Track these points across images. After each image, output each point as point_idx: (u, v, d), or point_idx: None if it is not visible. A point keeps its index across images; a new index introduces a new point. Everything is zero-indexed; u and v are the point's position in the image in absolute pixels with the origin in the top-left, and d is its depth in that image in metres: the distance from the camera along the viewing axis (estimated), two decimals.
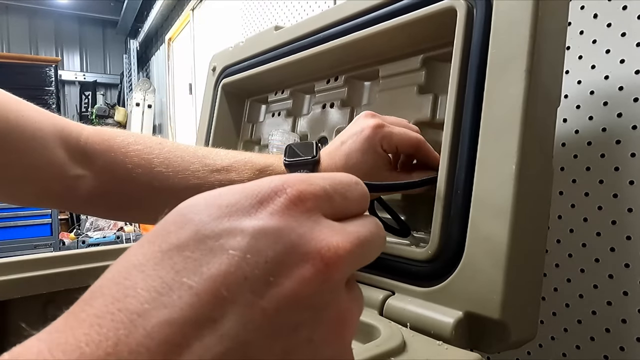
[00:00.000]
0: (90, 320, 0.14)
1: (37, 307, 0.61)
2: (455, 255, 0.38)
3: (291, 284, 0.16)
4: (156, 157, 0.46)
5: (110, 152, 0.46)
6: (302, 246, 0.17)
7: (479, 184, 0.37)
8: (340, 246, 0.18)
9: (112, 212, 0.50)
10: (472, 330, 0.36)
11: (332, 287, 0.17)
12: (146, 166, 0.45)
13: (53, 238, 2.72)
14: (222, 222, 0.17)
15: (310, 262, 0.17)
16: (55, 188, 0.46)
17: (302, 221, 0.17)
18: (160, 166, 0.45)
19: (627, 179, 0.51)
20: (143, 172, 0.45)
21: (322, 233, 0.18)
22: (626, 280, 0.51)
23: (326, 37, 0.56)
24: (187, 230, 0.17)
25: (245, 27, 1.70)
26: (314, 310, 0.17)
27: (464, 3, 0.40)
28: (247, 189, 0.18)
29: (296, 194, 0.18)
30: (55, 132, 0.44)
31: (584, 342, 0.54)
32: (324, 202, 0.19)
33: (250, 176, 0.45)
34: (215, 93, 0.79)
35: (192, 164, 0.46)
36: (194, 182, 0.45)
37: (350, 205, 0.20)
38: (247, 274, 0.16)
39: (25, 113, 0.43)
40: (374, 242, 0.20)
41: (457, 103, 0.40)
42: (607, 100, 0.52)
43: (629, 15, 0.50)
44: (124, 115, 4.75)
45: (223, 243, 0.16)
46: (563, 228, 0.56)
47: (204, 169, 0.46)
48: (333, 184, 0.20)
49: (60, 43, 5.47)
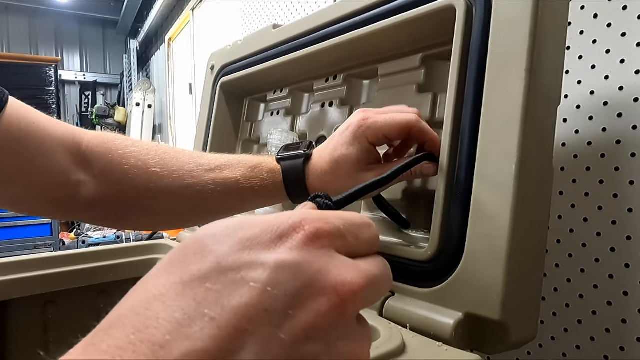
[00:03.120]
0: (112, 352, 0.14)
1: (37, 307, 0.61)
2: (455, 255, 0.38)
3: (308, 317, 0.17)
4: (152, 157, 0.46)
5: (108, 155, 0.46)
6: (319, 281, 0.17)
7: (478, 184, 0.37)
8: (354, 282, 0.18)
9: (110, 217, 0.50)
10: (472, 331, 0.36)
11: (346, 320, 0.18)
12: (142, 167, 0.46)
13: (53, 238, 2.71)
14: (243, 254, 0.17)
15: (327, 297, 0.17)
16: (58, 194, 0.46)
17: (319, 256, 0.18)
18: (155, 166, 0.46)
19: (627, 179, 0.50)
20: (139, 173, 0.45)
21: (337, 268, 0.18)
22: (626, 280, 0.51)
23: (325, 35, 0.56)
24: (208, 262, 0.17)
25: (245, 27, 1.70)
26: (328, 342, 0.17)
27: (463, 2, 0.40)
28: (266, 223, 0.19)
29: (313, 231, 0.19)
30: (60, 139, 0.45)
31: (584, 342, 0.54)
32: (337, 239, 0.20)
33: (243, 173, 0.45)
34: (214, 92, 0.79)
35: (187, 164, 0.46)
36: (189, 182, 0.45)
37: (361, 245, 0.21)
38: (267, 307, 0.16)
39: (35, 120, 0.44)
40: (384, 280, 0.21)
41: (456, 102, 0.40)
42: (607, 100, 0.52)
43: (629, 15, 0.50)
44: (124, 115, 4.75)
45: (244, 275, 0.16)
46: (563, 228, 0.56)
47: (198, 169, 0.46)
48: (347, 225, 0.21)
49: (60, 43, 5.47)
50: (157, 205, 0.47)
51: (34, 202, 0.47)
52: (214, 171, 0.46)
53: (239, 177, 0.45)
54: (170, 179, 0.45)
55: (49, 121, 0.45)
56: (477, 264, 0.36)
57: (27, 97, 0.46)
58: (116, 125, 4.89)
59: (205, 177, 0.45)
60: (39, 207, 0.48)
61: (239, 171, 0.45)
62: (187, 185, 0.45)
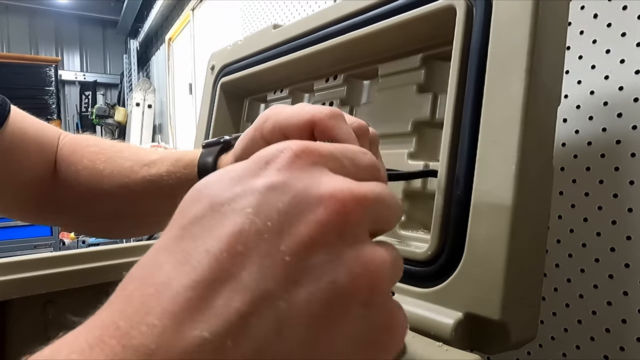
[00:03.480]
0: (121, 301, 0.15)
1: (37, 307, 0.61)
2: (455, 255, 0.38)
3: (307, 229, 0.16)
4: (102, 156, 0.45)
5: (70, 158, 0.46)
6: (311, 192, 0.17)
7: (478, 184, 0.37)
8: (354, 189, 0.18)
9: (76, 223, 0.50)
10: (472, 331, 0.36)
11: (351, 229, 0.17)
12: (91, 168, 0.45)
13: (53, 238, 2.71)
14: (233, 188, 0.17)
15: (323, 205, 0.17)
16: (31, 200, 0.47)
17: (309, 171, 0.18)
18: (101, 165, 0.44)
19: (627, 179, 0.50)
20: (88, 174, 0.45)
21: (332, 180, 0.18)
22: (626, 281, 0.51)
23: (325, 35, 0.56)
24: (203, 202, 0.17)
25: (246, 27, 1.70)
26: (334, 253, 0.17)
27: (463, 2, 0.40)
28: (254, 157, 0.19)
29: (301, 148, 0.18)
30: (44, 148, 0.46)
31: (584, 342, 0.54)
32: (330, 160, 0.19)
33: (167, 167, 0.42)
34: (214, 92, 0.79)
35: (127, 160, 0.44)
36: (125, 181, 0.43)
37: (361, 172, 0.20)
38: (260, 228, 0.16)
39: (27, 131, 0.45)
40: (392, 203, 0.20)
41: (456, 102, 0.40)
42: (607, 100, 0.52)
43: (629, 15, 0.50)
44: (124, 115, 4.75)
45: (235, 205, 0.17)
46: (563, 228, 0.56)
47: (136, 166, 0.44)
48: (340, 149, 0.20)
49: (60, 43, 5.48)
50: (104, 209, 0.46)
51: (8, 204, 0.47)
52: (147, 166, 0.43)
53: (163, 172, 0.42)
54: (110, 178, 0.44)
55: (37, 129, 0.46)
56: (477, 264, 0.36)
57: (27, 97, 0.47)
58: (116, 125, 4.90)
59: (139, 174, 0.43)
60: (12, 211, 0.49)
61: (164, 166, 0.42)
62: (123, 184, 0.43)
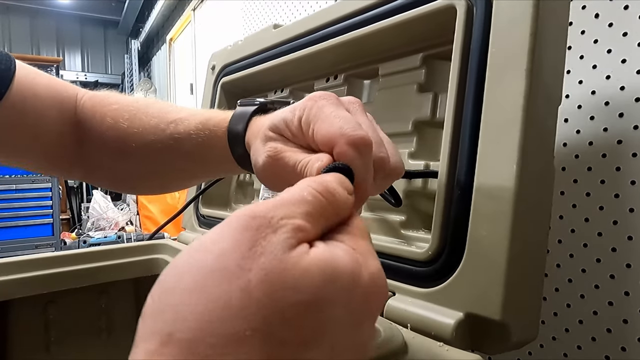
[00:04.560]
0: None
1: (38, 307, 0.61)
2: (455, 255, 0.37)
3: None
4: (125, 113, 0.44)
5: (93, 117, 0.45)
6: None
7: (479, 184, 0.37)
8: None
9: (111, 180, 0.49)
10: (473, 331, 0.36)
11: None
12: (114, 126, 0.43)
13: (54, 238, 2.72)
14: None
15: None
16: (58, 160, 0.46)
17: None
18: (125, 122, 0.43)
19: (628, 179, 0.50)
20: (112, 133, 0.43)
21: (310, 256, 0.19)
22: (627, 281, 0.50)
23: (325, 35, 0.56)
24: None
25: (246, 27, 1.70)
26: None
27: (464, 1, 0.40)
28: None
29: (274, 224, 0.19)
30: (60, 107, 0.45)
31: (585, 342, 0.54)
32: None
33: (196, 125, 0.40)
34: (215, 91, 0.79)
35: (153, 118, 0.42)
36: (151, 138, 0.42)
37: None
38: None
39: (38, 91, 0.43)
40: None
41: (457, 102, 0.40)
42: (608, 100, 0.52)
43: (631, 15, 0.50)
44: None
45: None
46: (564, 228, 0.56)
47: (162, 123, 0.42)
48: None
49: (61, 43, 5.48)
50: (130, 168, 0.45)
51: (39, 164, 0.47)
52: (174, 123, 0.41)
53: (191, 130, 0.40)
54: (135, 136, 0.42)
55: (51, 89, 0.45)
56: (477, 264, 0.36)
57: None
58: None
59: (166, 132, 0.41)
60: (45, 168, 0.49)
61: (192, 124, 0.40)
62: (149, 142, 0.41)
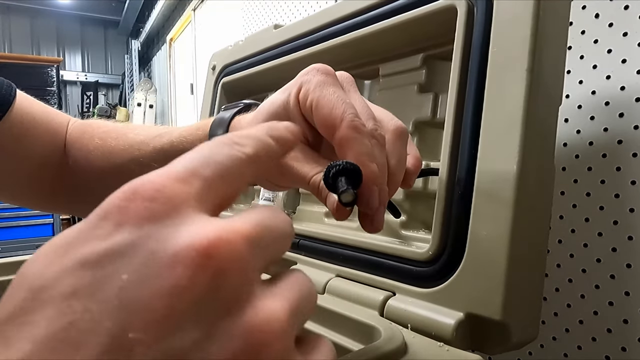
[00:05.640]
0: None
1: None
2: (456, 256, 0.37)
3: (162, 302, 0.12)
4: (113, 133, 0.44)
5: (79, 141, 0.45)
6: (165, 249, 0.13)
7: (479, 184, 0.37)
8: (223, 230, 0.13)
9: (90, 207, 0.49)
10: (473, 332, 0.36)
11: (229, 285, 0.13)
12: (102, 145, 0.43)
13: None
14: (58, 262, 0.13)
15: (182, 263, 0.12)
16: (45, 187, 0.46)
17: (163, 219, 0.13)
18: (113, 141, 0.43)
19: (628, 179, 0.50)
20: (99, 152, 0.43)
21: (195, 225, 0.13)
22: (628, 281, 0.50)
23: (326, 35, 0.56)
24: (22, 289, 0.13)
25: (247, 27, 1.70)
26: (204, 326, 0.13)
27: (464, 2, 0.40)
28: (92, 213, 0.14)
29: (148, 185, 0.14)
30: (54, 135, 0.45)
31: (586, 342, 0.54)
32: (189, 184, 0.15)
33: (180, 133, 0.39)
34: (215, 92, 0.79)
35: (139, 135, 0.42)
36: (136, 154, 0.41)
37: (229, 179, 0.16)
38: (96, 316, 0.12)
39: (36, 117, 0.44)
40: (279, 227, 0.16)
41: (457, 102, 0.40)
42: (608, 100, 0.52)
43: (631, 15, 0.50)
44: (125, 116, 4.75)
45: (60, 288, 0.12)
46: (564, 228, 0.56)
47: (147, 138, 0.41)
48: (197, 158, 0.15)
49: (62, 43, 5.48)
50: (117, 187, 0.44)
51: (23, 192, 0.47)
52: (159, 136, 0.40)
53: (174, 139, 0.38)
54: (122, 152, 0.42)
55: (46, 114, 0.45)
56: (478, 264, 0.36)
57: None
58: None
59: (150, 145, 0.40)
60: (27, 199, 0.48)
61: (175, 133, 0.39)
62: (134, 157, 0.40)
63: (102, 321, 0.12)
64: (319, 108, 0.27)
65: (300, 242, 0.53)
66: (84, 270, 0.12)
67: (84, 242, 0.13)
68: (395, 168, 0.29)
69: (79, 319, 0.12)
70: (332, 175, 0.24)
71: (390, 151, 0.29)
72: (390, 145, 0.29)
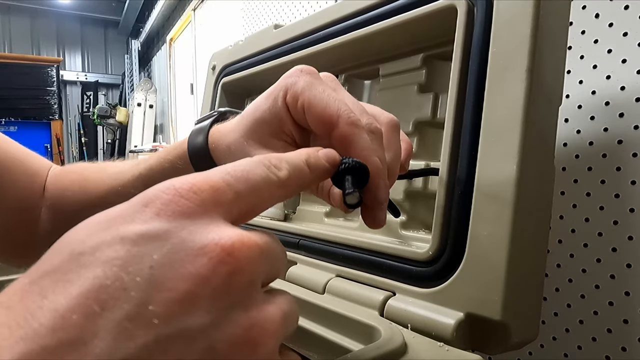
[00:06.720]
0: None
1: None
2: (456, 256, 0.37)
3: (184, 285, 0.14)
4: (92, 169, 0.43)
5: (56, 184, 0.44)
6: (194, 241, 0.15)
7: (479, 184, 0.37)
8: (245, 236, 0.15)
9: None
10: (473, 332, 0.36)
11: (242, 283, 0.15)
12: (79, 181, 0.43)
13: None
14: (99, 235, 0.15)
15: (207, 255, 0.14)
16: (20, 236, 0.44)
17: (195, 217, 0.16)
18: (92, 175, 0.42)
19: (628, 179, 0.50)
20: (77, 189, 0.42)
21: (220, 227, 0.16)
22: (628, 281, 0.50)
23: (326, 35, 0.56)
24: (63, 253, 0.15)
25: (247, 27, 1.70)
26: (217, 313, 0.14)
27: (464, 2, 0.40)
28: (133, 199, 0.16)
29: (187, 186, 0.16)
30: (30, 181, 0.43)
31: (586, 342, 0.54)
32: (223, 193, 0.17)
33: (157, 157, 0.39)
34: (215, 92, 0.79)
35: (119, 166, 0.42)
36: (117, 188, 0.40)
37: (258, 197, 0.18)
38: (126, 284, 0.13)
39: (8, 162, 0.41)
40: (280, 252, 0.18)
41: (457, 102, 0.40)
42: (608, 100, 0.52)
43: (631, 15, 0.50)
44: (125, 116, 4.76)
45: (99, 255, 0.14)
46: (564, 228, 0.56)
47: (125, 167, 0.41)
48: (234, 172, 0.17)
49: (62, 43, 5.49)
50: None
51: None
52: (137, 164, 0.40)
53: (152, 163, 0.38)
54: (99, 184, 0.41)
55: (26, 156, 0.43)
56: (478, 264, 0.36)
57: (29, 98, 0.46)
58: (117, 126, 4.90)
59: (128, 174, 0.40)
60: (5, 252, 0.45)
61: (153, 158, 0.39)
62: (111, 188, 0.40)
63: (129, 290, 0.13)
64: (312, 107, 0.27)
65: (300, 242, 0.53)
66: (122, 245, 0.14)
67: (124, 221, 0.15)
68: (392, 160, 0.30)
69: (110, 285, 0.13)
70: (340, 172, 0.24)
71: (386, 144, 0.29)
72: (386, 138, 0.30)
